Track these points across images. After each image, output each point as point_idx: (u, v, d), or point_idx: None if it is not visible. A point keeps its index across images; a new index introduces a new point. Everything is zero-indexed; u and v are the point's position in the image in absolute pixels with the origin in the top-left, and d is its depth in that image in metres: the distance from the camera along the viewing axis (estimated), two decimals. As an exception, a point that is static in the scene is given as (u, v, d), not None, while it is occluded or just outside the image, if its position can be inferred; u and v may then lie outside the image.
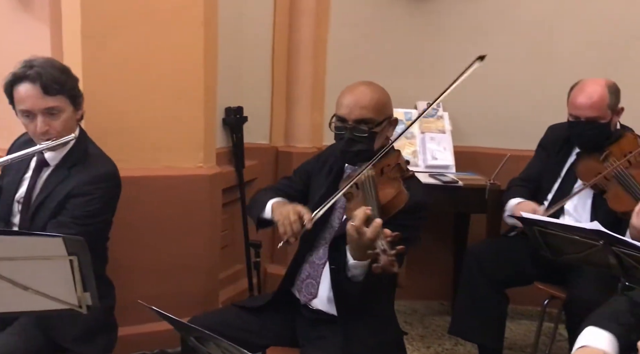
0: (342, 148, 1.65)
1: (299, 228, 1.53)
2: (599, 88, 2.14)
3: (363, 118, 1.62)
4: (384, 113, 1.66)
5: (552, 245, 1.88)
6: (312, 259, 1.75)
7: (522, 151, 2.79)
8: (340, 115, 1.65)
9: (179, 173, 2.27)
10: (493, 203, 2.63)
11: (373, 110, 1.62)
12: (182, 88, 2.24)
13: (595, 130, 2.16)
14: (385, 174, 1.60)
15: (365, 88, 1.65)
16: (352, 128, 1.62)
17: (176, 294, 2.29)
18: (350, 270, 1.50)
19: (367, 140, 1.63)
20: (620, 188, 2.07)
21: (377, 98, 1.64)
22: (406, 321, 2.96)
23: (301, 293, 1.75)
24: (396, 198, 1.51)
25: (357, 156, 1.66)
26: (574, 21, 2.91)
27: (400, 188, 1.54)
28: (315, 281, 1.72)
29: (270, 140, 2.96)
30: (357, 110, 1.61)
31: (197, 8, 2.20)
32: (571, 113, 2.21)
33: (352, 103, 1.62)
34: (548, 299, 2.30)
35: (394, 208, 1.51)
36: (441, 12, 2.99)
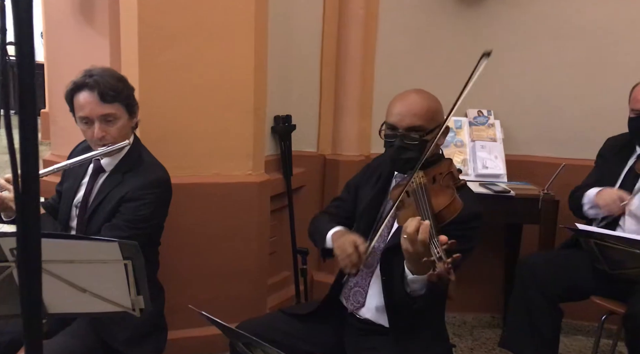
0: (392, 155, 1.64)
1: (357, 259, 1.53)
2: None
3: (414, 126, 1.60)
4: (435, 121, 1.63)
5: (610, 258, 1.81)
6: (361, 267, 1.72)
7: (577, 160, 2.69)
8: (391, 123, 1.63)
9: (228, 181, 2.31)
10: (546, 214, 2.54)
11: (424, 118, 1.60)
12: (232, 97, 2.29)
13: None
14: (437, 182, 1.57)
15: (416, 96, 1.64)
16: (403, 135, 1.60)
17: (225, 299, 2.32)
18: (409, 285, 1.47)
19: (417, 148, 1.60)
20: None
21: (427, 106, 1.62)
22: (455, 333, 2.90)
23: (349, 301, 1.74)
24: (450, 206, 1.46)
25: (407, 163, 1.63)
26: (630, 26, 2.79)
27: (454, 196, 1.49)
28: (363, 290, 1.71)
29: (318, 148, 2.97)
30: (408, 118, 1.60)
31: (248, 19, 2.25)
32: (633, 108, 2.19)
33: (403, 111, 1.61)
34: (606, 315, 2.20)
35: (448, 216, 1.47)
36: (491, 19, 2.93)
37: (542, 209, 2.54)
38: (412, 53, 2.96)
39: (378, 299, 1.66)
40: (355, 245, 1.54)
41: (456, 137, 2.92)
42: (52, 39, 2.49)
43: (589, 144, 2.52)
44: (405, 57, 2.96)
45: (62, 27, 2.39)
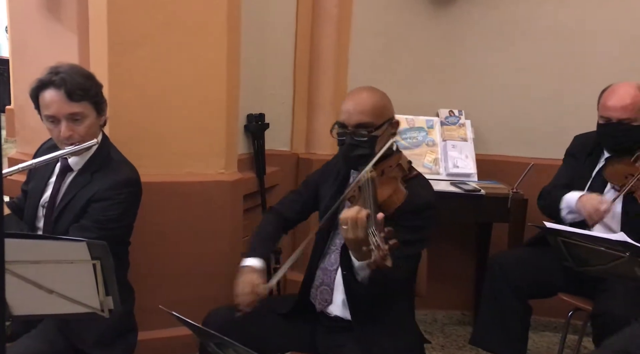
0: (344, 153, 1.69)
1: (250, 300, 1.61)
2: (632, 90, 2.14)
3: (362, 123, 1.65)
4: (384, 116, 1.68)
5: (576, 256, 1.85)
6: (324, 266, 1.76)
7: (546, 160, 2.75)
8: (341, 121, 1.69)
9: (200, 179, 2.29)
10: (516, 212, 2.60)
11: (371, 114, 1.65)
12: (204, 95, 2.27)
13: (626, 131, 2.14)
14: (385, 174, 1.63)
15: (363, 93, 1.70)
16: (352, 133, 1.65)
17: (197, 299, 2.29)
18: (358, 274, 1.52)
19: (367, 144, 1.65)
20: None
21: (374, 102, 1.67)
22: (427, 331, 2.93)
23: (316, 300, 1.76)
24: (393, 195, 1.53)
25: (358, 160, 1.67)
26: (601, 27, 2.86)
27: (396, 186, 1.57)
28: (329, 288, 1.74)
29: (292, 146, 2.96)
30: (356, 115, 1.65)
31: (221, 17, 2.23)
32: (602, 115, 2.20)
33: (351, 109, 1.66)
34: (572, 311, 2.25)
35: (392, 205, 1.54)
36: (463, 20, 2.97)
37: (511, 208, 2.59)
38: (386, 52, 2.98)
39: (344, 295, 1.69)
40: (252, 287, 1.62)
41: (428, 137, 2.95)
42: (17, 34, 2.42)
43: (557, 144, 2.58)
44: (379, 57, 2.98)
45: (28, 22, 2.33)
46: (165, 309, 1.14)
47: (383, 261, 1.29)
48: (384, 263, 1.29)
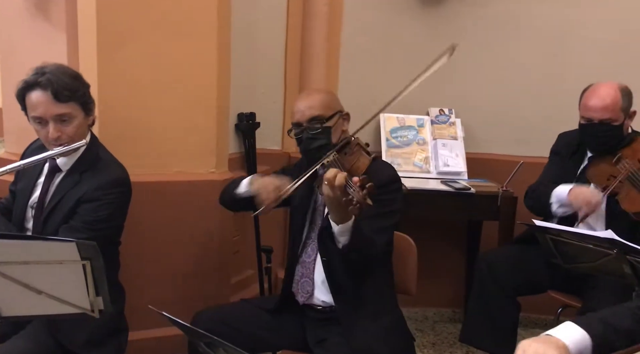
0: (304, 148, 1.79)
1: (275, 196, 1.67)
2: (612, 90, 2.14)
3: (313, 117, 1.76)
4: (333, 108, 1.80)
5: (565, 253, 1.87)
6: (303, 259, 1.82)
7: (535, 158, 2.77)
8: (295, 122, 1.80)
9: (191, 179, 2.29)
10: (505, 210, 2.62)
11: (320, 107, 1.77)
12: (195, 94, 2.26)
13: (608, 132, 2.15)
14: (348, 154, 1.72)
15: (310, 91, 1.87)
16: (307, 128, 1.76)
17: (187, 299, 2.30)
18: (338, 241, 1.59)
19: (323, 135, 1.76)
20: (633, 189, 2.05)
21: (321, 97, 1.80)
22: (417, 329, 2.95)
23: (299, 294, 1.81)
24: (358, 161, 1.67)
25: (318, 151, 1.75)
26: (586, 27, 2.89)
27: (360, 153, 1.69)
28: (309, 279, 1.80)
29: (283, 145, 2.97)
30: (307, 111, 1.77)
31: (210, 15, 2.23)
32: (583, 115, 2.20)
33: (301, 107, 1.79)
34: (562, 308, 2.28)
35: (360, 169, 1.65)
36: (453, 18, 2.98)
37: (501, 205, 2.61)
38: (376, 51, 2.98)
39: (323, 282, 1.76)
40: (276, 185, 1.70)
41: (418, 135, 2.96)
42: (5, 33, 2.40)
43: (545, 142, 2.59)
44: (370, 55, 2.98)
45: (16, 21, 2.31)
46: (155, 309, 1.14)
47: (364, 200, 1.38)
48: (365, 201, 1.39)
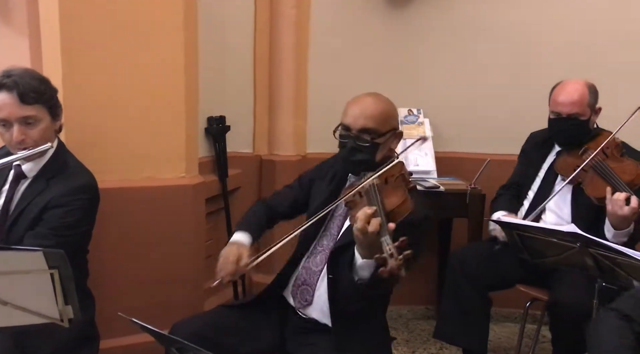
0: (344, 156, 1.67)
1: (232, 271, 1.59)
2: (580, 86, 2.23)
3: (367, 128, 1.63)
4: (389, 125, 1.67)
5: (532, 248, 1.92)
6: (309, 265, 1.74)
7: (502, 155, 2.83)
8: (345, 124, 1.67)
9: (161, 184, 2.26)
10: (474, 207, 2.67)
11: (377, 121, 1.64)
12: (162, 98, 2.24)
13: (575, 126, 2.22)
14: (389, 183, 1.60)
15: (371, 99, 1.68)
16: (356, 137, 1.64)
17: (160, 305, 2.27)
18: (357, 273, 1.50)
19: (369, 150, 1.64)
20: (596, 177, 2.12)
21: (381, 109, 1.66)
22: (392, 326, 2.93)
23: (296, 299, 1.75)
24: (402, 205, 1.51)
25: (358, 165, 1.67)
26: (552, 27, 2.96)
27: (405, 196, 1.53)
28: (310, 288, 1.71)
29: (254, 148, 2.96)
30: (362, 120, 1.63)
31: (176, 18, 2.21)
32: (553, 110, 2.28)
33: (357, 113, 1.64)
34: (530, 302, 2.33)
35: (401, 215, 1.51)
36: (420, 20, 3.03)
37: (470, 203, 2.66)
38: (345, 53, 3.01)
39: (325, 298, 1.67)
40: (238, 259, 1.60)
41: (389, 136, 2.99)
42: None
43: (512, 140, 2.65)
44: (338, 57, 3.01)
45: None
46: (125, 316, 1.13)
47: (398, 270, 1.27)
48: (398, 272, 1.27)
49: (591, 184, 2.14)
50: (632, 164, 2.12)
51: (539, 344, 2.71)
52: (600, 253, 1.69)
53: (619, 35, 2.89)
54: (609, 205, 1.97)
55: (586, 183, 2.16)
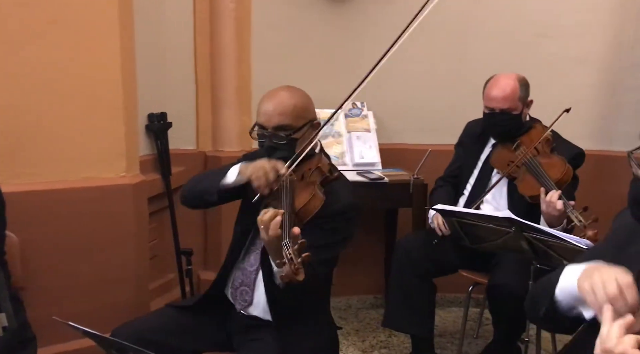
0: (264, 156, 1.64)
1: (273, 178, 1.52)
2: (511, 81, 2.28)
3: (281, 125, 1.61)
4: (304, 118, 1.65)
5: (471, 235, 1.99)
6: (244, 266, 1.73)
7: (442, 145, 2.90)
8: (260, 123, 1.65)
9: (100, 184, 2.19)
10: (417, 197, 2.73)
11: (291, 116, 1.62)
12: (99, 96, 2.17)
13: (508, 120, 2.29)
14: (304, 179, 1.60)
15: (283, 94, 1.65)
16: (271, 135, 1.62)
17: (105, 308, 2.21)
18: (276, 277, 1.50)
19: (287, 147, 1.62)
20: (528, 175, 2.21)
21: (294, 104, 1.63)
22: (341, 317, 3.01)
23: (236, 300, 1.74)
24: (309, 203, 1.51)
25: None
26: (486, 20, 3.05)
27: (314, 192, 1.53)
28: (249, 289, 1.71)
29: (197, 145, 2.92)
30: (275, 118, 1.61)
31: (111, 14, 2.14)
32: (486, 105, 2.34)
33: (269, 111, 1.62)
34: (472, 286, 2.41)
35: (308, 213, 1.52)
36: (361, 14, 3.05)
37: (413, 193, 2.73)
38: (288, 46, 3.00)
39: (264, 299, 1.67)
40: (272, 164, 1.53)
41: (333, 129, 3.02)
42: None
43: (452, 130, 2.73)
44: (281, 51, 2.99)
45: None
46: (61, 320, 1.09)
47: (295, 276, 1.27)
48: (295, 277, 1.27)
49: (523, 182, 2.22)
50: (560, 161, 2.20)
51: (483, 327, 2.83)
52: (534, 237, 1.78)
53: (550, 27, 3.02)
54: (543, 205, 2.03)
55: (519, 181, 2.24)
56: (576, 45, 3.00)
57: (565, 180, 2.15)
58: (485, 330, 2.78)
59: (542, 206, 2.04)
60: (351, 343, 2.76)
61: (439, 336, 2.79)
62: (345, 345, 2.70)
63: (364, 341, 2.79)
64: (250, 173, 1.56)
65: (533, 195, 2.11)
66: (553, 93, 2.38)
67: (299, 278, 1.27)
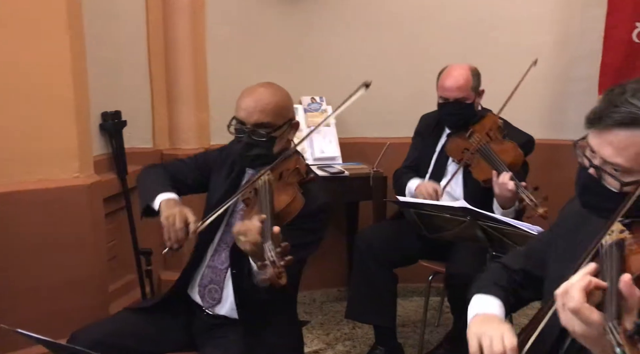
0: (240, 151, 1.64)
1: (183, 236, 1.50)
2: (464, 71, 2.35)
3: (262, 123, 1.60)
4: (284, 117, 1.64)
5: (429, 224, 2.03)
6: (214, 264, 1.71)
7: (400, 138, 2.95)
8: (239, 118, 1.62)
9: (52, 186, 2.14)
10: (377, 190, 2.77)
11: (272, 114, 1.60)
12: (49, 95, 2.11)
13: (462, 110, 2.35)
14: (283, 179, 1.58)
15: (264, 91, 1.63)
16: (251, 132, 1.60)
17: (63, 313, 2.16)
18: (255, 277, 1.48)
19: (265, 145, 1.61)
20: (482, 160, 2.28)
21: (275, 102, 1.62)
22: (306, 311, 3.03)
23: (204, 299, 1.72)
24: (290, 205, 1.50)
25: (255, 160, 1.64)
26: (439, 14, 3.10)
27: (295, 194, 1.52)
28: (218, 287, 1.69)
29: (154, 143, 2.86)
30: (256, 114, 1.59)
31: (58, 10, 2.08)
32: (440, 95, 2.40)
33: (250, 107, 1.60)
34: (432, 275, 2.46)
35: (289, 215, 1.51)
36: (316, 9, 3.06)
37: (373, 186, 2.76)
38: (244, 42, 2.97)
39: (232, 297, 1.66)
40: (186, 222, 1.51)
41: (293, 124, 3.02)
42: None
43: (409, 123, 2.77)
44: (238, 46, 2.97)
45: None
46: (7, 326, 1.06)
47: (278, 279, 1.24)
48: (278, 281, 1.25)
49: (477, 167, 2.29)
50: (512, 147, 2.28)
51: (444, 315, 2.89)
52: (489, 225, 1.83)
53: (502, 20, 3.09)
54: (496, 187, 2.10)
55: (473, 167, 2.31)
56: (526, 38, 3.08)
57: (517, 163, 2.24)
58: (446, 318, 2.84)
59: (495, 188, 2.11)
60: (315, 336, 2.78)
61: (402, 326, 2.83)
62: (309, 339, 2.71)
63: (328, 334, 2.81)
64: (163, 223, 1.54)
65: (486, 179, 2.17)
66: (504, 84, 2.45)
67: (281, 282, 1.25)
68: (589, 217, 1.13)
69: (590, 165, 1.06)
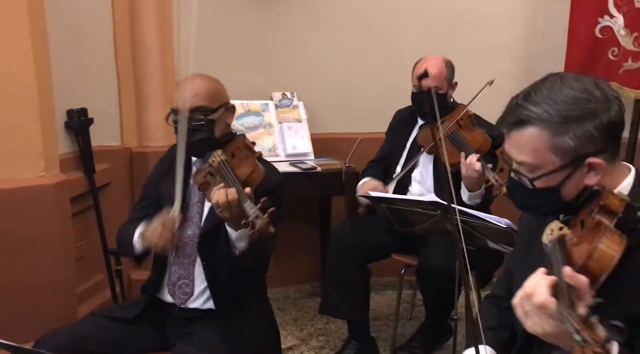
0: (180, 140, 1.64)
1: (169, 235, 1.57)
2: (439, 62, 2.41)
3: (198, 107, 1.64)
4: (219, 100, 1.69)
5: (401, 219, 2.05)
6: (180, 259, 1.71)
7: (372, 134, 2.96)
8: (175, 108, 1.66)
9: (17, 185, 2.09)
10: (349, 185, 2.77)
11: (206, 97, 1.65)
12: (11, 93, 2.07)
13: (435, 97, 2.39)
14: (236, 157, 1.66)
15: (196, 78, 1.68)
16: (189, 118, 1.62)
17: (29, 316, 2.12)
18: (235, 246, 1.55)
19: (206, 128, 1.65)
20: (450, 146, 2.32)
21: (207, 86, 1.68)
22: (279, 308, 3.02)
23: (175, 296, 1.71)
24: (254, 172, 1.60)
25: (200, 145, 1.67)
26: (412, 10, 3.12)
27: (254, 164, 1.62)
28: (189, 280, 1.70)
29: (122, 141, 2.81)
30: (191, 99, 1.63)
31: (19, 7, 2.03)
32: (415, 84, 2.45)
33: (184, 94, 1.64)
34: (404, 269, 2.48)
35: (254, 181, 1.59)
36: (286, 4, 3.04)
37: (345, 181, 2.76)
38: (213, 38, 2.93)
39: (206, 285, 1.68)
40: (163, 223, 1.58)
41: (264, 120, 3.00)
42: None
43: (381, 119, 2.79)
44: (206, 42, 2.91)
45: None
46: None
47: (267, 228, 1.34)
48: (267, 230, 1.35)
49: (446, 153, 2.32)
50: (481, 133, 2.36)
51: (416, 308, 2.92)
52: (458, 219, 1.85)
53: (473, 16, 3.13)
54: (463, 169, 2.17)
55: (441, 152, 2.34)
56: (496, 34, 3.13)
57: (485, 147, 2.32)
58: (419, 311, 2.87)
59: (462, 170, 2.16)
60: (289, 333, 2.78)
61: (375, 320, 2.86)
62: (284, 335, 2.71)
63: (302, 329, 2.82)
64: (148, 243, 1.61)
65: (454, 163, 2.21)
66: (475, 78, 2.48)
67: (271, 230, 1.35)
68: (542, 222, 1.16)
69: (509, 169, 1.14)
